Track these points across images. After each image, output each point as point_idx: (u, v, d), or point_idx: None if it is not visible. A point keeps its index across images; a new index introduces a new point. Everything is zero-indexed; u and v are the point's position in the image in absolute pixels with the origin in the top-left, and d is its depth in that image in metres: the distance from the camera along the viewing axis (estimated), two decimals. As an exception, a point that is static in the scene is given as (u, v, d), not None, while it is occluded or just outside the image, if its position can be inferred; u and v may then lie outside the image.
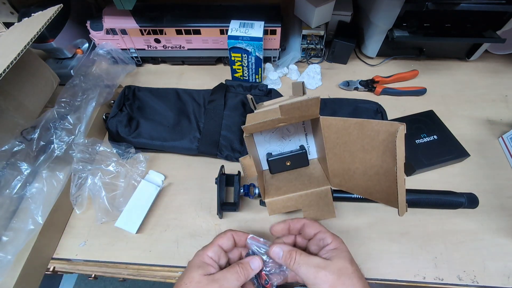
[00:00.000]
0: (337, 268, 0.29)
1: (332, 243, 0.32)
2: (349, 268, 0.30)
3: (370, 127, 0.33)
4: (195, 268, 0.31)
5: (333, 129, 0.37)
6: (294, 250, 0.32)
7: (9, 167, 0.42)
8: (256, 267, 0.33)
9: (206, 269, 0.31)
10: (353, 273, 0.29)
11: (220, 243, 0.34)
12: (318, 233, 0.34)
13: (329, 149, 0.39)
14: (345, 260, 0.30)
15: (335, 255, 0.31)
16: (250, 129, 0.36)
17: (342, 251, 0.31)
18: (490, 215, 0.47)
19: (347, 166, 0.37)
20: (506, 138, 0.54)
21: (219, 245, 0.34)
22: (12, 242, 0.39)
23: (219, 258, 0.34)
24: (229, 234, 0.35)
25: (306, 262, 0.31)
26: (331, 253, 0.31)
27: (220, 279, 0.30)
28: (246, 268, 0.32)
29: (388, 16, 0.58)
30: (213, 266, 0.32)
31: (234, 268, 0.32)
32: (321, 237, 0.34)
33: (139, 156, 0.51)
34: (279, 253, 0.33)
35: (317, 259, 0.31)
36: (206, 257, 0.33)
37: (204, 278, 0.30)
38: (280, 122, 0.36)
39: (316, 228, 0.35)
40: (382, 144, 0.32)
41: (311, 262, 0.30)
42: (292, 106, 0.34)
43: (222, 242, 0.34)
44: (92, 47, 0.65)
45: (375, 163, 0.33)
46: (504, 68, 0.68)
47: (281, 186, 0.43)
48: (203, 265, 0.31)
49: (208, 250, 0.33)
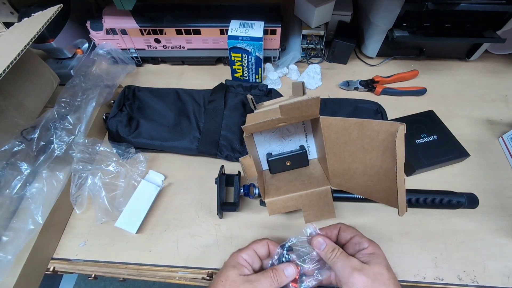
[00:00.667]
0: (373, 273, 0.29)
1: (369, 247, 0.33)
2: (385, 275, 0.30)
3: (370, 127, 0.33)
4: (231, 268, 0.32)
5: (333, 129, 0.37)
6: (337, 247, 0.33)
7: (9, 167, 0.42)
8: (290, 274, 0.33)
9: (241, 270, 0.33)
10: (389, 280, 0.29)
11: (255, 248, 0.35)
12: (354, 237, 0.35)
13: (329, 149, 0.39)
14: (382, 266, 0.30)
15: (372, 260, 0.31)
16: (250, 129, 0.36)
17: (379, 256, 0.32)
18: (490, 215, 0.47)
19: (347, 166, 0.37)
20: (506, 138, 0.54)
21: (254, 249, 0.35)
22: (12, 242, 0.39)
23: (253, 262, 0.35)
24: (265, 242, 0.36)
25: (344, 259, 0.31)
26: (368, 257, 0.32)
27: (254, 281, 0.31)
28: (280, 275, 0.33)
29: (388, 16, 0.58)
30: (247, 268, 0.33)
31: (268, 272, 0.33)
32: (357, 241, 0.34)
33: (139, 156, 0.51)
34: (322, 245, 0.33)
35: (355, 260, 0.31)
36: (241, 258, 0.34)
37: (239, 278, 0.31)
38: (280, 122, 0.36)
39: (352, 232, 0.35)
40: (382, 144, 0.32)
41: (349, 261, 0.31)
42: (292, 106, 0.34)
43: (258, 247, 0.36)
44: (92, 47, 0.65)
45: (375, 163, 0.33)
46: (504, 68, 0.68)
47: (281, 186, 0.43)
48: (238, 265, 0.33)
49: (243, 252, 0.35)
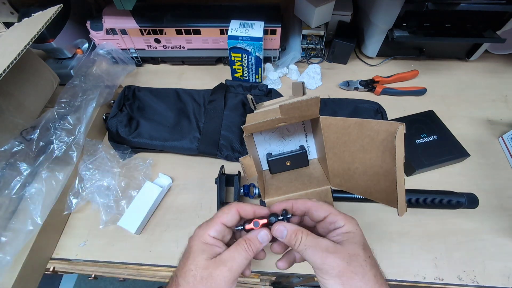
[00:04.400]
0: (347, 254, 0.26)
1: (345, 226, 0.28)
2: (362, 255, 0.26)
3: (370, 127, 0.32)
4: (199, 253, 0.28)
5: (333, 129, 0.37)
6: (300, 230, 0.28)
7: (8, 168, 0.42)
8: (265, 240, 0.30)
9: (211, 251, 0.28)
10: (365, 260, 0.26)
11: (223, 221, 0.30)
12: (329, 215, 0.30)
13: (329, 149, 0.39)
14: (358, 245, 0.27)
15: (346, 239, 0.27)
16: (250, 129, 0.36)
17: (355, 235, 0.28)
18: (490, 215, 0.47)
19: (347, 166, 0.37)
20: (506, 138, 0.54)
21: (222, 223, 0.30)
22: (11, 242, 0.39)
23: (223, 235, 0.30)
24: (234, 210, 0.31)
25: (313, 244, 0.27)
26: (343, 236, 0.28)
27: (228, 260, 0.27)
28: (255, 244, 0.29)
29: (388, 16, 0.58)
30: (217, 246, 0.29)
31: (241, 245, 0.28)
32: (331, 220, 0.29)
33: (141, 156, 0.51)
34: (283, 232, 0.29)
35: (326, 242, 0.27)
36: (208, 237, 0.29)
37: (211, 262, 0.27)
38: (280, 122, 0.36)
39: (326, 211, 0.30)
40: (381, 144, 0.32)
41: (319, 244, 0.27)
42: (292, 106, 0.34)
43: (227, 219, 0.30)
44: (92, 47, 0.65)
45: (375, 163, 0.33)
46: (504, 68, 0.68)
47: (281, 186, 0.43)
48: (206, 247, 0.28)
49: (209, 229, 0.29)
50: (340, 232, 0.28)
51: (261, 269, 0.44)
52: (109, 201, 0.46)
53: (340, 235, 0.28)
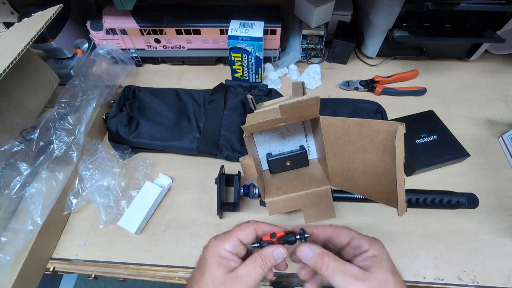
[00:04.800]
0: (377, 281, 0.25)
1: (371, 249, 0.28)
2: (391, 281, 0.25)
3: (370, 127, 0.32)
4: (216, 266, 0.28)
5: (333, 128, 0.37)
6: (327, 253, 0.28)
7: (8, 168, 0.42)
8: (280, 258, 0.29)
9: (227, 265, 0.28)
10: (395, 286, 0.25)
11: (240, 237, 0.30)
12: (352, 240, 0.30)
13: (329, 149, 0.39)
14: (387, 271, 0.26)
15: (374, 265, 0.26)
16: (250, 129, 0.36)
17: (382, 259, 0.27)
18: (490, 215, 0.47)
19: (347, 166, 0.37)
20: (506, 138, 0.54)
21: (238, 238, 0.30)
22: (11, 242, 0.39)
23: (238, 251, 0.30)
24: (252, 228, 0.31)
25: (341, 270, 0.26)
26: (370, 261, 0.27)
27: (244, 276, 0.27)
28: (270, 261, 0.29)
29: (388, 16, 0.58)
30: (233, 260, 0.29)
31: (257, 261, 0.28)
32: (356, 245, 0.29)
33: (141, 156, 0.51)
34: (308, 254, 0.28)
35: (354, 268, 0.26)
36: (224, 251, 0.29)
37: (228, 277, 0.27)
38: (280, 122, 0.36)
39: (348, 236, 0.30)
40: (381, 144, 0.32)
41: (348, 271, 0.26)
42: (292, 106, 0.34)
43: (243, 236, 0.30)
44: (92, 47, 0.65)
45: (375, 163, 0.33)
46: (504, 68, 0.68)
47: (281, 186, 0.43)
48: (222, 261, 0.28)
49: (225, 243, 0.29)
50: (366, 257, 0.28)
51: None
52: (109, 201, 0.46)
53: (367, 260, 0.27)
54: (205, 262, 0.28)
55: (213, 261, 0.28)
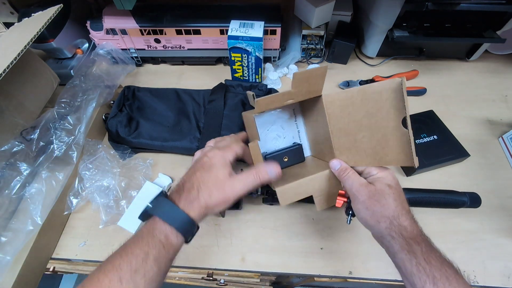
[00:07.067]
0: (374, 188, 0.33)
1: (378, 173, 0.35)
2: (386, 190, 0.33)
3: (372, 90, 0.35)
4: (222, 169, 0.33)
5: (336, 103, 0.38)
6: (350, 168, 0.37)
7: (8, 168, 0.42)
8: (273, 176, 0.35)
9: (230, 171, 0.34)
10: (389, 194, 0.33)
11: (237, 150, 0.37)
12: (365, 169, 0.37)
13: (333, 126, 0.39)
14: (384, 184, 0.33)
15: (377, 181, 0.34)
16: (262, 103, 0.37)
17: (384, 179, 0.34)
18: (490, 215, 0.47)
19: (353, 138, 0.38)
20: (506, 138, 0.54)
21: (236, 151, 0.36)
22: (11, 242, 0.39)
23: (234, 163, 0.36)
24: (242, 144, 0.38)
25: (354, 177, 0.36)
26: (375, 179, 0.35)
27: (243, 180, 0.33)
28: (263, 176, 0.34)
29: (388, 16, 0.58)
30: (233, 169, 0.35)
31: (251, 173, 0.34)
32: (368, 171, 0.37)
33: (141, 156, 0.50)
34: (337, 165, 0.38)
35: (363, 180, 0.35)
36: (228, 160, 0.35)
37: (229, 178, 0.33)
38: (289, 97, 0.38)
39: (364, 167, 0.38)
40: (386, 103, 0.34)
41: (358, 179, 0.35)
42: (303, 75, 0.36)
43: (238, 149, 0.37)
44: (92, 47, 0.65)
45: (381, 125, 0.35)
46: (504, 68, 0.68)
47: (287, 178, 0.42)
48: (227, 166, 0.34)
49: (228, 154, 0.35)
50: (374, 177, 0.35)
51: (261, 269, 0.44)
52: (109, 201, 0.46)
53: (374, 179, 0.35)
54: (212, 165, 0.34)
55: (219, 165, 0.34)
